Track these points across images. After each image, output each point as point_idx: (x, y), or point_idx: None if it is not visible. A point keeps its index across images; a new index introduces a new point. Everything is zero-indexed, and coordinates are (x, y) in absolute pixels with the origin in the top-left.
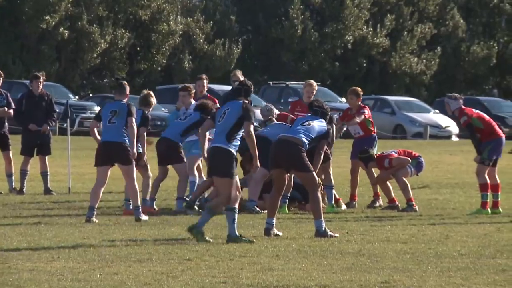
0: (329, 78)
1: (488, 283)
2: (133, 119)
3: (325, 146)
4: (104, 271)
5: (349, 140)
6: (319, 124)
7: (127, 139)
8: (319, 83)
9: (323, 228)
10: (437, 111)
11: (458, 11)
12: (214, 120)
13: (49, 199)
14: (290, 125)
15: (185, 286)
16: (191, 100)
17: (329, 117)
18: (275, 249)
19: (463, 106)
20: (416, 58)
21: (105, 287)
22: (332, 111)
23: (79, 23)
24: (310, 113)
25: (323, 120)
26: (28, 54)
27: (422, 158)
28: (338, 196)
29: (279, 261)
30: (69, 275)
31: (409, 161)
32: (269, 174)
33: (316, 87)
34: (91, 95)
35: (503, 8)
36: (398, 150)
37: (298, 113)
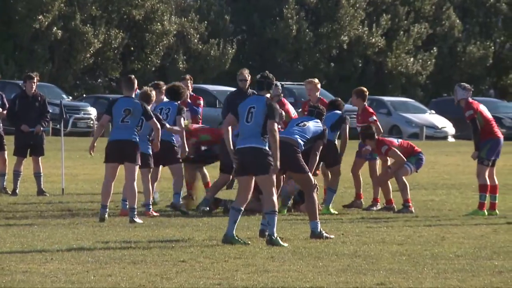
0: (325, 79)
1: (485, 285)
2: (155, 120)
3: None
4: (98, 273)
5: (349, 141)
6: (315, 125)
7: (138, 138)
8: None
9: (319, 230)
10: (433, 112)
11: (454, 11)
12: (236, 115)
13: (42, 200)
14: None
15: None
16: (162, 97)
17: (342, 118)
18: (270, 251)
19: (471, 99)
20: (412, 58)
21: None
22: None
23: (72, 23)
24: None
25: (319, 121)
26: (21, 54)
27: (423, 155)
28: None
29: (274, 263)
30: (63, 277)
31: (404, 160)
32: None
33: (317, 84)
34: (85, 96)
35: (500, 8)
36: (401, 142)
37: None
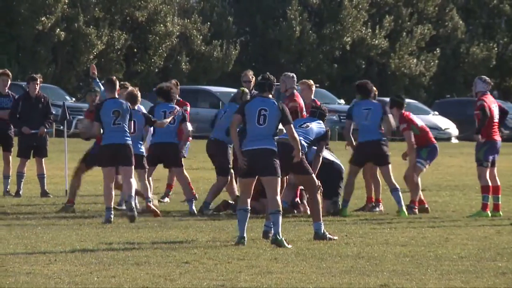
0: (328, 80)
1: (488, 286)
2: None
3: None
4: (102, 274)
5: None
6: (317, 126)
7: (130, 139)
8: (317, 85)
9: (322, 231)
10: (437, 113)
11: (458, 12)
12: (242, 115)
13: (46, 202)
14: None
15: None
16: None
17: (384, 109)
18: (274, 252)
19: (488, 93)
20: (415, 60)
21: None
22: (330, 113)
23: (76, 25)
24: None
25: (321, 122)
26: (24, 56)
27: (436, 144)
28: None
29: (278, 264)
30: (66, 278)
31: (413, 146)
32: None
33: (311, 86)
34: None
35: (503, 9)
36: (422, 126)
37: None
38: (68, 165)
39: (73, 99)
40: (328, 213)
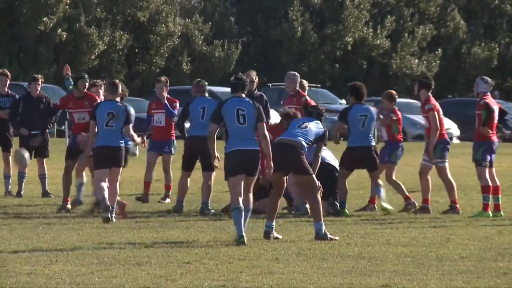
0: (329, 80)
1: (490, 286)
2: (130, 127)
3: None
4: (103, 275)
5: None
6: (316, 126)
7: (124, 142)
8: (319, 85)
9: (323, 231)
10: None
11: (459, 12)
12: (218, 123)
13: (47, 202)
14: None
15: None
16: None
17: (376, 114)
18: (275, 252)
19: (489, 94)
20: (417, 60)
21: None
22: (332, 113)
23: (77, 25)
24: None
25: (319, 122)
26: (26, 56)
27: (448, 139)
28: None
29: (279, 264)
30: (68, 279)
31: (438, 128)
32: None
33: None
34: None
35: (504, 9)
36: (441, 118)
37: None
38: None
39: None
40: (328, 214)
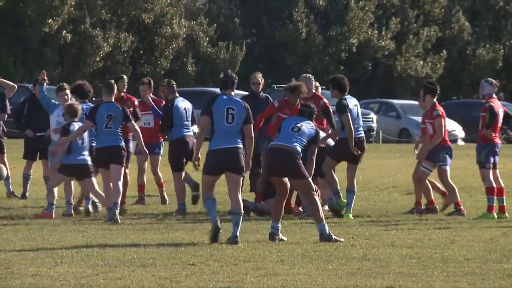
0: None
1: None
2: (133, 122)
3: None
4: (108, 276)
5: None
6: (308, 127)
7: (123, 141)
8: (324, 87)
9: (327, 232)
10: None
11: (464, 14)
12: (210, 116)
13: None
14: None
15: None
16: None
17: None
18: (280, 254)
19: (495, 97)
20: (422, 61)
21: None
22: (335, 114)
23: (82, 27)
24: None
25: (311, 121)
26: (31, 58)
27: (450, 146)
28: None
29: (284, 266)
30: (72, 280)
31: (442, 135)
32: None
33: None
34: (94, 99)
35: (509, 11)
36: (445, 125)
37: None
38: None
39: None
40: (333, 208)
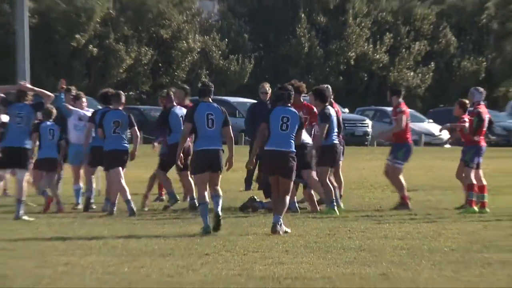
0: (334, 91)
1: (476, 276)
2: (136, 128)
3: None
4: (132, 265)
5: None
6: (293, 116)
7: (128, 146)
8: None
9: (279, 225)
10: (431, 121)
11: (451, 30)
12: (192, 122)
13: (82, 200)
14: None
15: (204, 278)
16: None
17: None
18: (285, 245)
19: (483, 103)
20: (412, 73)
21: (132, 279)
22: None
23: (107, 41)
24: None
25: (291, 105)
26: (61, 70)
27: (412, 144)
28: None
29: (288, 256)
30: (100, 269)
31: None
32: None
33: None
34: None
35: (491, 27)
36: (408, 123)
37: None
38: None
39: None
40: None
